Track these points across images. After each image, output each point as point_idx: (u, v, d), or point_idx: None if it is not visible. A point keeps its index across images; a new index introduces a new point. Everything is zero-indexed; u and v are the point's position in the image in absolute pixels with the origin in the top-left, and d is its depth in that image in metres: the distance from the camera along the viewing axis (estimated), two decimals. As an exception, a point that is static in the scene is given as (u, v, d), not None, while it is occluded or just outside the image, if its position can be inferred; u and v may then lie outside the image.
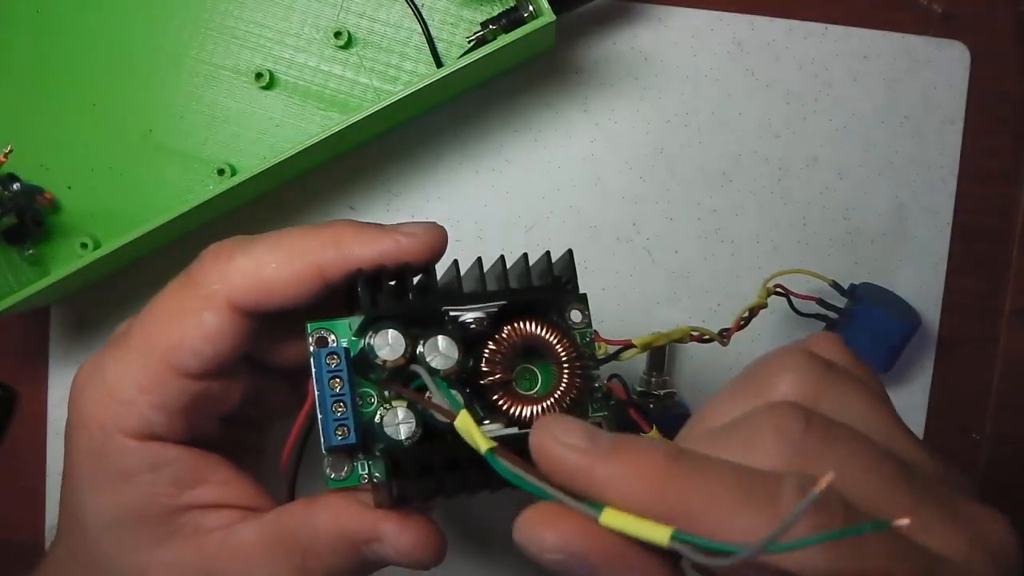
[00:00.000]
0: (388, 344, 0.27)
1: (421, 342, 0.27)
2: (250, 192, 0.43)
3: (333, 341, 0.28)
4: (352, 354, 0.27)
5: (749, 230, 0.46)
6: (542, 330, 0.28)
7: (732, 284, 0.46)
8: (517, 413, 0.27)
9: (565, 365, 0.28)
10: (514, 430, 0.27)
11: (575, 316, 0.29)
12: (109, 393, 0.28)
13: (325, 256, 0.28)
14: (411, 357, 0.27)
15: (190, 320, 0.28)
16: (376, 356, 0.27)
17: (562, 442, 0.21)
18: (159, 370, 0.28)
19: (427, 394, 0.26)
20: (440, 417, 0.25)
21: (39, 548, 0.47)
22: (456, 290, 0.28)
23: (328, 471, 0.27)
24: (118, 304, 0.46)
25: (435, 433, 0.27)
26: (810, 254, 0.46)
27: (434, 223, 0.29)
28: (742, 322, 0.39)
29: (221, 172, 0.44)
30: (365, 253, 0.28)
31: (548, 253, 0.29)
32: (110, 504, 0.29)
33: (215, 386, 0.29)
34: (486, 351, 0.28)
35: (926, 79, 0.45)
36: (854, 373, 0.24)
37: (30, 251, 0.44)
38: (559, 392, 0.28)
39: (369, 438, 0.27)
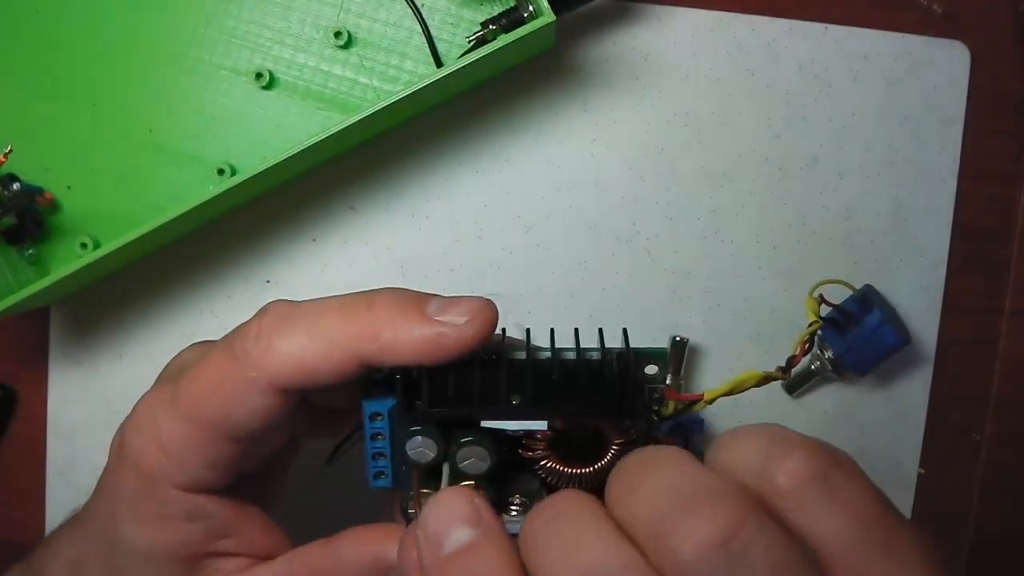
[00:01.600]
0: (420, 448, 0.27)
1: (455, 448, 0.27)
2: (250, 192, 0.43)
3: (383, 413, 0.28)
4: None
5: (749, 230, 0.46)
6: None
7: (732, 284, 0.46)
8: (550, 467, 0.27)
9: (614, 446, 0.27)
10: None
11: (650, 369, 0.28)
12: (160, 447, 0.29)
13: (364, 348, 0.27)
14: (443, 455, 0.27)
15: (237, 400, 0.28)
16: (407, 456, 0.27)
17: (414, 540, 0.23)
18: (210, 436, 0.28)
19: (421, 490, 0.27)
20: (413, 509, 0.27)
21: (39, 548, 0.47)
22: (498, 400, 0.27)
23: (371, 480, 0.28)
24: (118, 304, 0.46)
25: None
26: (810, 254, 0.46)
27: (484, 304, 0.27)
28: (806, 346, 0.36)
29: (221, 172, 0.44)
30: (405, 351, 0.27)
31: (621, 359, 0.27)
32: (144, 539, 0.29)
33: (267, 443, 0.30)
34: (528, 440, 0.27)
35: (926, 79, 0.45)
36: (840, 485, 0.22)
37: (30, 251, 0.44)
38: (600, 464, 0.27)
39: (402, 475, 0.28)
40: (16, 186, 0.42)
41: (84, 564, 0.31)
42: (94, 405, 0.47)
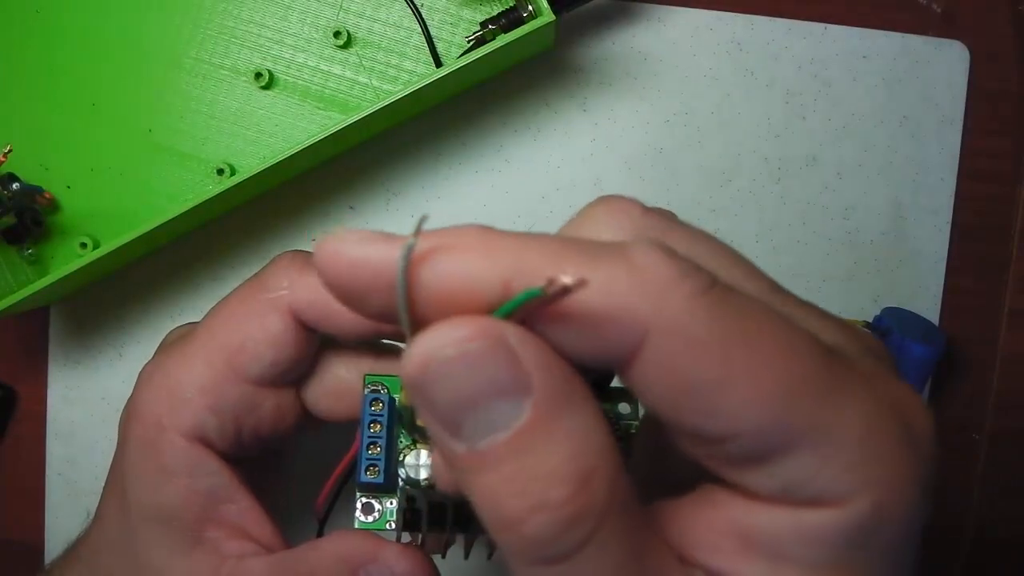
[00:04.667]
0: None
1: None
2: (249, 192, 0.43)
3: (384, 393, 0.28)
4: (398, 406, 0.28)
5: (749, 230, 0.46)
6: None
7: (732, 284, 0.46)
8: None
9: None
10: None
11: (623, 409, 0.28)
12: (169, 390, 0.29)
13: None
14: None
15: (254, 322, 0.29)
16: (414, 419, 0.27)
17: (352, 238, 0.18)
18: (220, 371, 0.29)
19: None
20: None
21: (39, 548, 0.47)
22: None
23: (358, 513, 0.28)
24: (118, 304, 0.46)
25: None
26: (810, 254, 0.46)
27: None
28: None
29: (220, 172, 0.44)
30: None
31: None
32: (150, 498, 0.30)
33: (269, 402, 0.30)
34: None
35: (926, 79, 0.45)
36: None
37: (29, 251, 0.44)
38: None
39: (394, 476, 0.28)
40: (16, 186, 0.42)
41: (97, 554, 0.31)
42: (94, 405, 0.47)
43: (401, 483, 0.27)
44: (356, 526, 0.28)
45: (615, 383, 0.27)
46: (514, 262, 0.17)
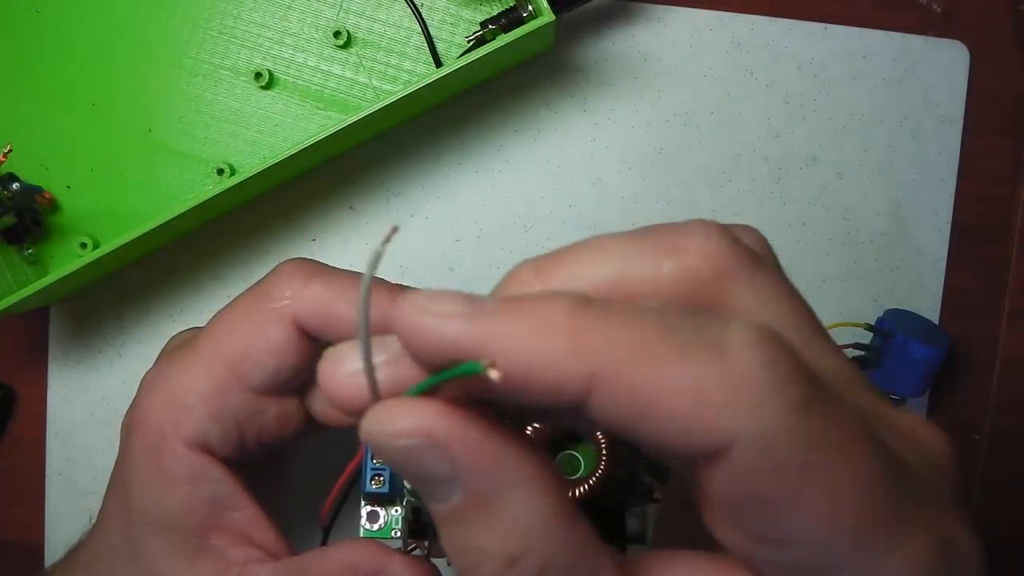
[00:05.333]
0: None
1: None
2: (249, 192, 0.43)
3: None
4: None
5: (749, 230, 0.46)
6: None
7: (732, 284, 0.46)
8: None
9: (603, 451, 0.28)
10: None
11: None
12: (172, 398, 0.29)
13: None
14: None
15: (257, 331, 0.29)
16: None
17: (433, 311, 0.17)
18: (222, 380, 0.29)
19: None
20: None
21: (39, 548, 0.47)
22: None
23: (363, 522, 0.29)
24: (118, 304, 0.46)
25: None
26: (810, 254, 0.46)
27: None
28: None
29: (220, 172, 0.44)
30: None
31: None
32: (153, 506, 0.30)
33: (272, 410, 0.30)
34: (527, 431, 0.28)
35: (926, 79, 0.45)
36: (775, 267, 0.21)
37: (29, 251, 0.44)
38: (598, 473, 0.27)
39: (399, 485, 0.28)
40: (16, 186, 0.42)
41: (99, 560, 0.31)
42: (94, 404, 0.47)
43: (406, 494, 0.27)
44: (361, 534, 0.28)
45: None
46: (479, 345, 0.17)
